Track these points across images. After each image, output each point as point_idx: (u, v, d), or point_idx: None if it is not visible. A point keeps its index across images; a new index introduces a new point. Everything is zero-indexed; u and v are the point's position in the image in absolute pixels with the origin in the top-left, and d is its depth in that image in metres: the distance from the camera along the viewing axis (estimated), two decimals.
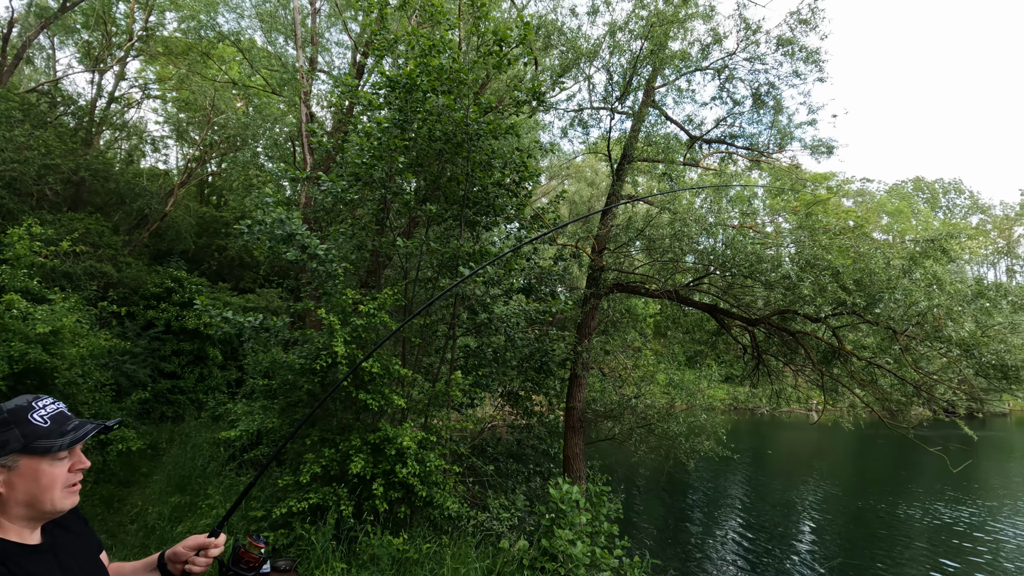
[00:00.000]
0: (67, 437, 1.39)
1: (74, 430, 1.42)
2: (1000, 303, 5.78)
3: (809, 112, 9.43)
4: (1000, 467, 19.75)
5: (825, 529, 11.47)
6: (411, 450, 5.45)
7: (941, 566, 9.70)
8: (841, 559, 9.43)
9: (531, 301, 7.50)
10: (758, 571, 8.71)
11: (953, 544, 10.91)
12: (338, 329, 5.60)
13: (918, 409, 7.79)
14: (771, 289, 7.38)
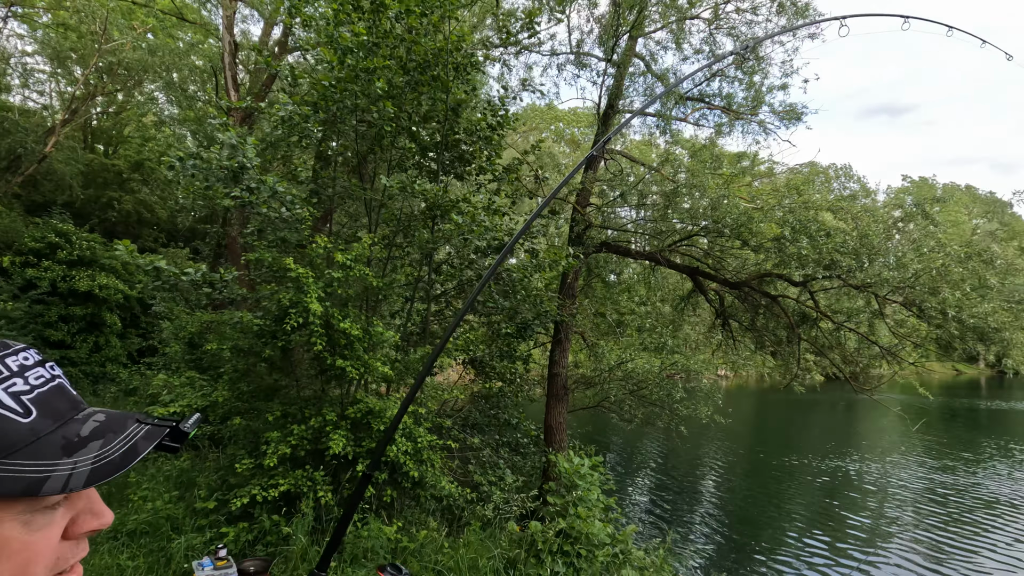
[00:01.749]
0: (83, 458, 0.58)
1: (97, 438, 0.61)
2: (995, 263, 5.92)
3: (782, 76, 9.30)
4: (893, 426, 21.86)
5: (736, 481, 12.06)
6: (402, 425, 4.68)
7: (828, 507, 10.46)
8: (742, 506, 9.88)
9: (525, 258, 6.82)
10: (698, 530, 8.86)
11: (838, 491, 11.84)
12: (310, 283, 4.64)
13: (879, 371, 8.06)
14: (758, 252, 7.19)
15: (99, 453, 0.58)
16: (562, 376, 7.40)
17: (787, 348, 8.79)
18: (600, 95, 7.58)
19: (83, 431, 0.60)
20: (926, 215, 6.63)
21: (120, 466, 0.59)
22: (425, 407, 5.27)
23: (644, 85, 8.18)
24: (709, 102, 8.97)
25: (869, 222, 6.56)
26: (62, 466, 0.55)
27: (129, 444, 0.60)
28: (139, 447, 0.61)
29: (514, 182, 7.46)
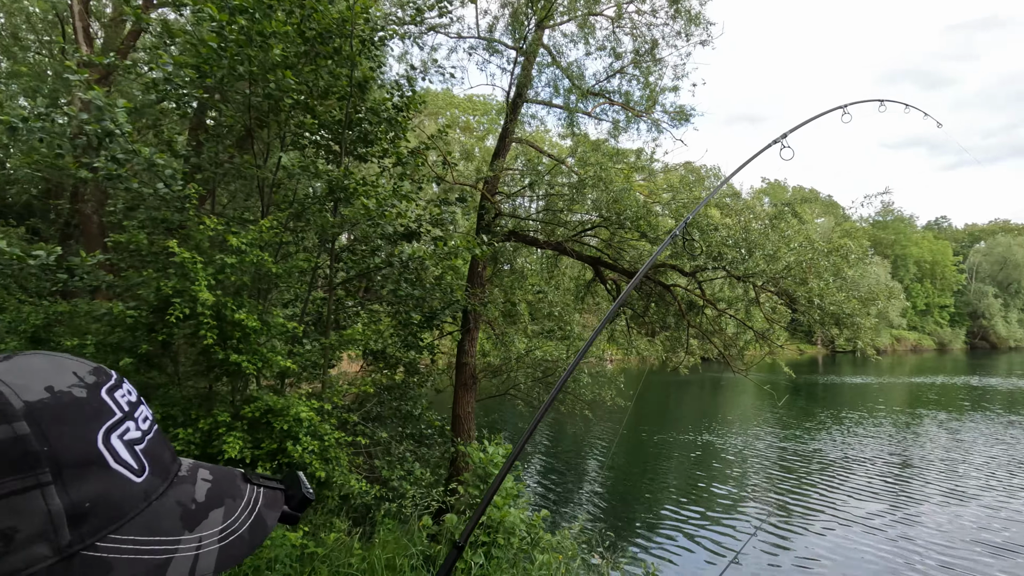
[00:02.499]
0: (207, 532, 0.45)
1: (216, 505, 0.47)
2: (849, 257, 6.78)
3: (674, 78, 9.90)
4: (744, 401, 24.52)
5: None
6: (307, 422, 4.36)
7: (699, 478, 11.66)
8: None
9: (423, 247, 6.61)
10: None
11: (707, 462, 13.22)
12: (199, 269, 4.12)
13: (753, 352, 8.97)
14: (655, 244, 7.63)
15: (225, 527, 0.45)
16: (470, 365, 7.35)
17: (675, 333, 9.48)
18: (510, 84, 7.56)
19: (197, 495, 0.46)
20: (795, 214, 7.43)
21: (252, 545, 0.45)
22: (331, 402, 4.94)
23: (549, 77, 8.29)
24: (610, 98, 9.32)
25: (750, 219, 7.23)
26: (186, 544, 0.42)
27: (254, 515, 0.47)
28: (267, 520, 0.48)
29: (420, 167, 7.22)
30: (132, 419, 0.44)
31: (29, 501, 0.35)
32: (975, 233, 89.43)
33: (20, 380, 0.39)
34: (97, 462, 0.39)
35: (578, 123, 8.48)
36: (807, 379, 33.35)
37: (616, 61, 9.19)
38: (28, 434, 0.36)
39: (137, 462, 0.42)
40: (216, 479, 0.48)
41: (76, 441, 0.39)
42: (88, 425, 0.40)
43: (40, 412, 0.38)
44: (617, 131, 9.04)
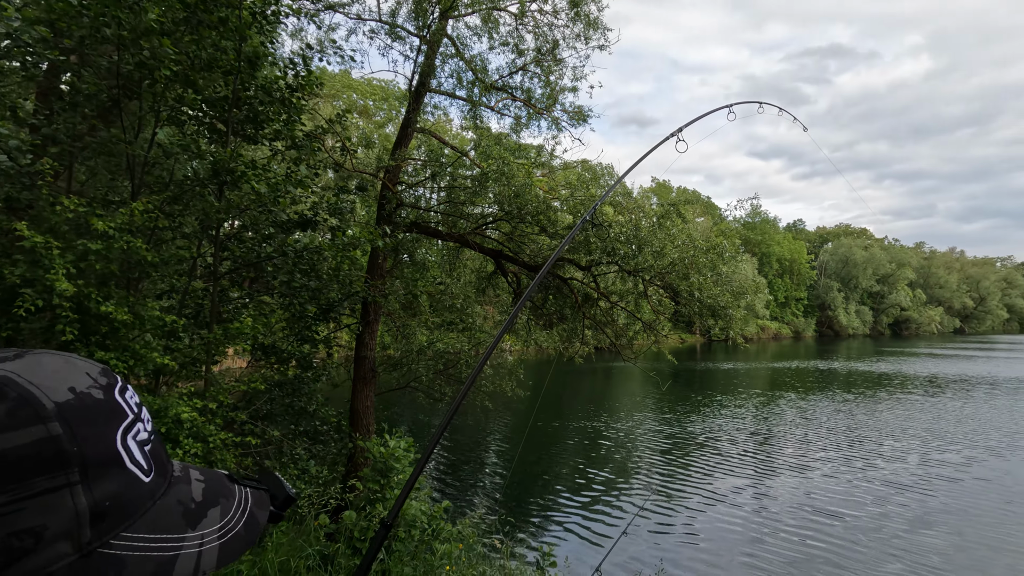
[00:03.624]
0: (208, 531, 0.46)
1: (212, 504, 0.49)
2: (724, 255, 7.49)
3: (574, 79, 10.27)
4: (626, 388, 26.25)
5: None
6: (189, 423, 4.03)
7: (589, 463, 12.51)
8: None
9: (318, 236, 6.33)
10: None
11: (594, 448, 14.17)
12: (55, 255, 3.65)
13: (641, 342, 9.62)
14: (554, 238, 7.91)
15: (222, 524, 0.46)
16: (370, 358, 7.15)
17: (571, 324, 9.91)
18: (413, 72, 7.42)
19: (195, 494, 0.47)
20: (679, 214, 8.08)
21: (247, 542, 0.47)
22: (216, 400, 4.60)
23: (453, 68, 8.25)
24: (512, 94, 9.47)
25: (640, 216, 7.73)
26: (189, 541, 0.43)
27: (247, 514, 0.49)
28: (258, 517, 0.49)
29: (316, 151, 6.88)
30: (140, 420, 0.45)
31: (59, 500, 0.36)
32: (824, 235, 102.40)
33: (45, 381, 0.39)
34: (116, 462, 0.41)
35: (481, 116, 8.53)
36: (686, 366, 36.34)
37: (519, 58, 9.35)
38: (61, 435, 0.37)
39: (146, 462, 0.44)
40: (207, 479, 0.50)
41: (100, 442, 0.40)
42: (108, 426, 0.41)
43: (69, 413, 0.39)
44: (519, 127, 9.22)
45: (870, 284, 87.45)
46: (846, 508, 10.03)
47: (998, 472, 12.13)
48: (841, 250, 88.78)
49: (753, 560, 8.03)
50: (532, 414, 16.00)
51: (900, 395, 23.43)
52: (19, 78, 7.03)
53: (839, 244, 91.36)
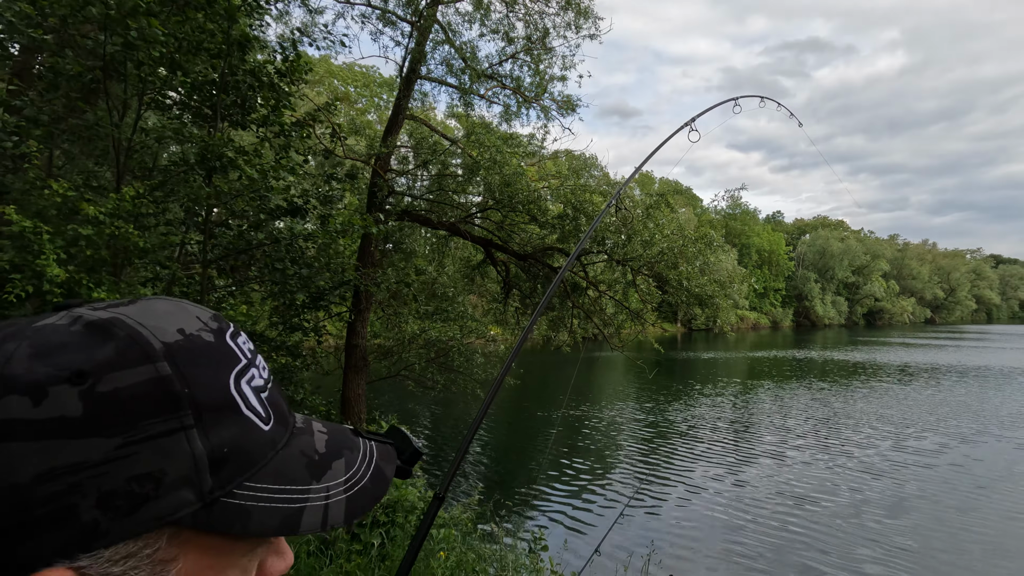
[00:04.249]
0: (333, 483, 0.44)
1: (337, 456, 0.46)
2: (712, 245, 7.61)
3: (563, 68, 10.25)
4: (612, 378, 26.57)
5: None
6: None
7: (572, 451, 12.71)
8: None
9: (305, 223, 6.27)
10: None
11: (579, 435, 14.39)
12: (44, 240, 3.57)
13: (627, 331, 9.74)
14: (544, 227, 7.94)
15: (348, 477, 0.45)
16: (361, 347, 7.13)
17: (558, 313, 9.98)
18: (404, 58, 7.33)
19: (318, 446, 0.45)
20: (668, 204, 8.17)
21: (375, 497, 0.46)
22: None
23: (443, 55, 8.18)
24: (502, 82, 9.43)
25: (630, 207, 7.80)
26: (315, 493, 0.41)
27: (373, 466, 0.47)
28: (385, 471, 0.48)
29: (306, 138, 6.79)
30: (255, 366, 0.43)
31: (174, 443, 0.35)
32: (802, 227, 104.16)
33: (155, 322, 0.38)
34: (231, 407, 0.38)
35: (472, 104, 8.48)
36: (667, 355, 36.83)
37: (509, 46, 9.30)
38: (170, 375, 0.36)
39: (264, 409, 0.42)
40: (331, 431, 0.48)
41: (212, 384, 0.38)
42: (220, 369, 0.39)
43: (178, 353, 0.37)
44: (508, 115, 9.19)
45: (846, 275, 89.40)
46: (823, 494, 10.33)
47: (969, 458, 12.57)
48: (819, 242, 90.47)
49: (733, 547, 8.22)
50: (565, 401, 16.11)
51: (874, 384, 24.10)
52: None
53: (817, 236, 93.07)
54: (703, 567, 7.57)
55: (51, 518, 0.31)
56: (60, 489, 0.31)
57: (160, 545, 0.35)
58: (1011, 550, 8.03)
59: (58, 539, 0.32)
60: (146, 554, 0.35)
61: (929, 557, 7.82)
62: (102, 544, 0.33)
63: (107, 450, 0.33)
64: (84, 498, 0.32)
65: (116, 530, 0.33)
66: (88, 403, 0.33)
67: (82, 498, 0.32)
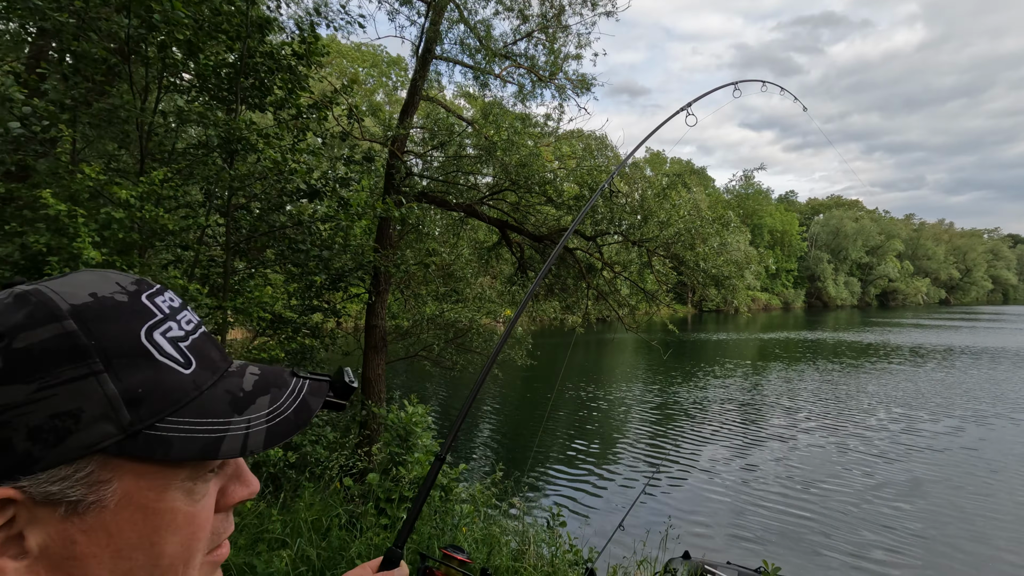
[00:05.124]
0: (255, 415, 0.49)
1: (262, 393, 0.51)
2: (729, 225, 7.57)
3: (578, 46, 10.11)
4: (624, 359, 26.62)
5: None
6: None
7: (584, 431, 12.83)
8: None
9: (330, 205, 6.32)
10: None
11: (593, 414, 14.51)
12: (80, 223, 3.65)
13: (641, 312, 9.76)
14: (560, 208, 7.93)
15: (271, 410, 0.50)
16: (380, 327, 7.23)
17: (573, 296, 10.01)
18: (419, 37, 7.27)
19: (245, 385, 0.51)
20: (685, 184, 8.11)
21: (296, 425, 0.51)
22: None
23: (457, 35, 8.11)
24: (516, 60, 9.33)
25: (646, 187, 7.76)
26: (235, 425, 0.47)
27: (299, 400, 0.52)
28: (311, 404, 0.53)
29: (322, 121, 6.80)
30: (174, 320, 0.48)
31: (87, 386, 0.41)
32: (815, 206, 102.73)
33: (69, 289, 0.44)
34: (143, 355, 0.44)
35: (488, 84, 8.42)
36: (678, 337, 36.78)
37: (523, 24, 9.18)
38: (76, 330, 0.42)
39: (183, 357, 0.47)
40: (264, 373, 0.53)
41: (120, 336, 0.43)
42: (130, 323, 0.44)
43: (84, 312, 0.42)
44: (523, 95, 9.11)
45: (859, 255, 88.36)
46: (833, 477, 10.35)
47: (984, 441, 12.48)
48: (832, 221, 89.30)
49: (743, 528, 8.23)
50: (557, 380, 16.25)
51: (886, 365, 23.99)
52: (11, 40, 6.84)
53: (830, 216, 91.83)
54: (713, 547, 7.69)
55: None
56: None
57: (91, 469, 0.41)
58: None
59: (0, 465, 0.39)
60: (78, 477, 0.41)
61: (940, 543, 7.74)
62: (38, 468, 0.40)
63: (27, 393, 0.39)
64: (16, 432, 0.39)
65: (47, 457, 0.40)
66: (5, 357, 0.40)
67: (14, 432, 0.39)
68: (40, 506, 0.40)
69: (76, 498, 0.41)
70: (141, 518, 0.44)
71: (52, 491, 0.40)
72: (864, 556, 7.40)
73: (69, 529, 0.41)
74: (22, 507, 0.40)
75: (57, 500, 0.41)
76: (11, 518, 0.40)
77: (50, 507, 0.41)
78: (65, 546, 0.42)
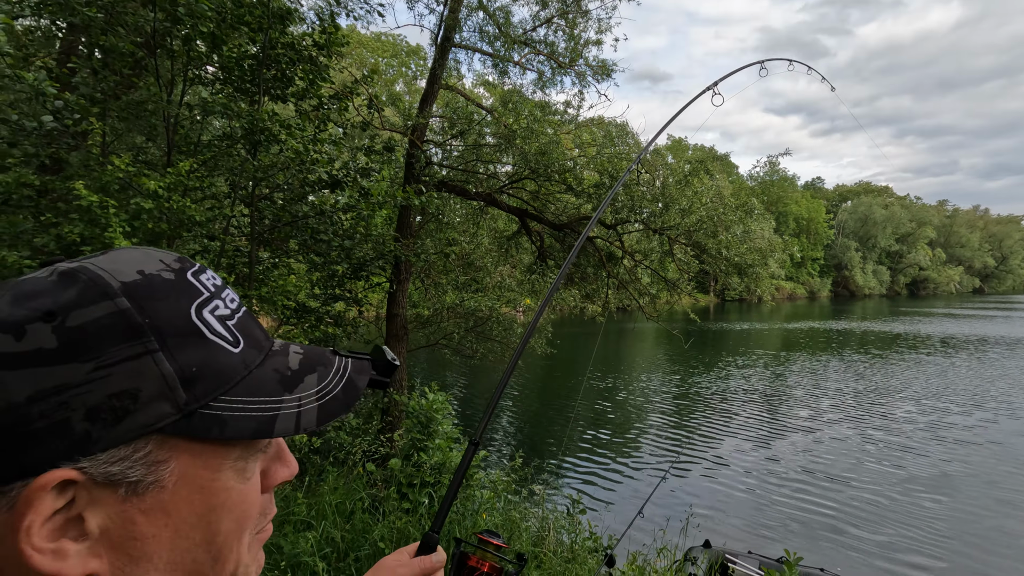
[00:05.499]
0: (305, 394, 0.49)
1: (309, 372, 0.51)
2: (752, 213, 7.44)
3: (598, 31, 9.97)
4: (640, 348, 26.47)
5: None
6: None
7: (609, 419, 12.78)
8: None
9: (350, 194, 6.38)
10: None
11: (614, 402, 14.45)
12: (111, 214, 3.75)
13: (662, 301, 9.69)
14: (580, 197, 7.88)
15: (320, 388, 0.50)
16: (401, 316, 7.31)
17: (593, 284, 9.97)
18: (439, 25, 7.26)
19: (291, 364, 0.51)
20: (708, 171, 7.99)
21: (346, 404, 0.51)
22: None
23: (475, 22, 8.06)
24: (536, 47, 9.25)
25: (667, 174, 7.66)
26: (288, 403, 0.47)
27: (346, 378, 0.52)
28: (357, 382, 0.53)
29: (343, 112, 6.85)
30: (219, 298, 0.48)
31: (143, 365, 0.40)
32: (843, 193, 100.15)
33: (116, 266, 0.43)
34: (194, 333, 0.44)
35: (508, 71, 8.37)
36: (700, 326, 36.34)
37: (543, 10, 9.09)
38: (129, 308, 0.41)
39: (231, 335, 0.46)
40: (307, 352, 0.54)
41: (172, 314, 0.43)
42: (180, 301, 0.44)
43: (135, 290, 0.42)
44: (543, 82, 9.05)
45: (889, 243, 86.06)
46: (859, 470, 10.16)
47: (1020, 436, 12.08)
48: (861, 208, 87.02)
49: (765, 521, 8.15)
50: (587, 368, 16.27)
51: (915, 356, 23.42)
52: (43, 36, 7.00)
53: (859, 202, 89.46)
54: (735, 536, 7.65)
55: (49, 430, 0.38)
56: (51, 407, 0.38)
57: (150, 449, 0.41)
58: None
59: (60, 446, 0.38)
60: (138, 457, 0.41)
61: (969, 541, 7.48)
62: (97, 449, 0.39)
63: (84, 373, 0.38)
64: (74, 412, 0.38)
65: (107, 437, 0.39)
66: (60, 336, 0.39)
67: (72, 412, 0.38)
68: (100, 487, 0.40)
69: (136, 479, 0.41)
70: (198, 497, 0.44)
71: (112, 472, 0.40)
72: (891, 550, 7.28)
73: (129, 510, 0.41)
74: (82, 488, 0.40)
75: (117, 481, 0.40)
76: (71, 500, 0.40)
77: (110, 488, 0.40)
78: (125, 527, 0.42)
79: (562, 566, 4.27)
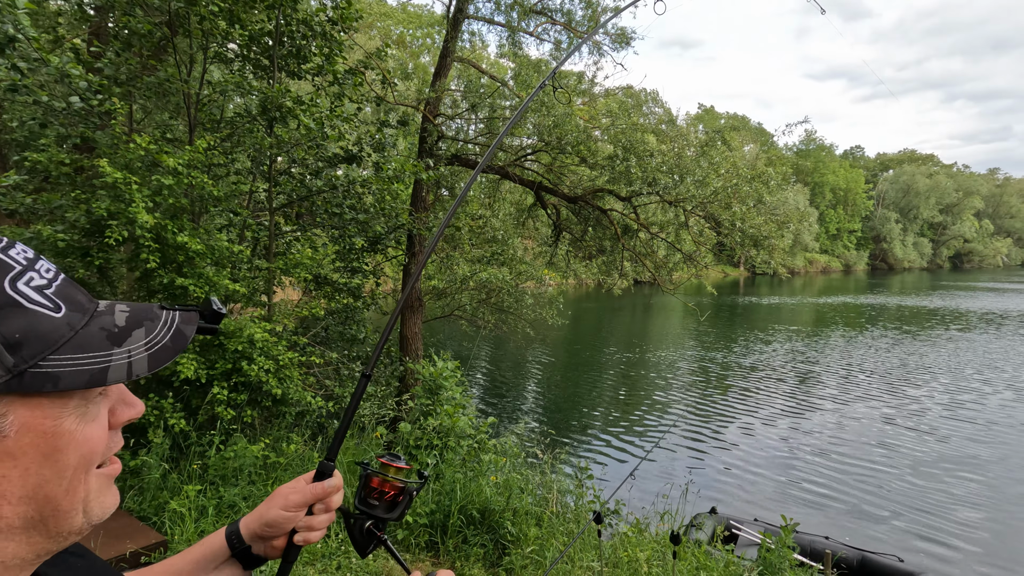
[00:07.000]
0: (134, 346, 0.56)
1: (136, 326, 0.58)
2: (769, 183, 7.31)
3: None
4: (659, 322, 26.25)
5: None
6: (261, 343, 4.47)
7: (628, 390, 12.84)
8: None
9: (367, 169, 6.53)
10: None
11: (637, 375, 14.47)
12: (134, 191, 3.99)
13: (681, 274, 9.64)
14: (594, 169, 7.86)
15: (148, 340, 0.56)
16: (417, 288, 7.51)
17: (609, 256, 9.97)
18: None
19: (118, 321, 0.56)
20: (724, 141, 7.84)
21: (174, 350, 0.58)
22: (281, 324, 5.04)
23: None
24: (552, 17, 9.12)
25: (683, 145, 7.56)
26: (117, 355, 0.53)
27: (173, 329, 0.59)
28: (185, 331, 0.59)
29: (358, 87, 6.95)
30: (33, 270, 0.53)
31: None
32: (885, 162, 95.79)
33: None
34: (11, 304, 0.49)
35: (520, 43, 8.30)
36: (728, 300, 35.83)
37: None
38: None
39: (51, 302, 0.52)
40: (133, 309, 0.59)
41: None
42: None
43: None
44: (559, 52, 8.94)
45: (932, 215, 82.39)
46: (883, 447, 10.04)
47: None
48: (903, 178, 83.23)
49: (781, 492, 8.20)
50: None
51: (954, 333, 22.68)
52: (69, 19, 7.26)
53: (901, 172, 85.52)
54: (744, 505, 7.74)
55: None
56: None
57: None
58: None
59: None
60: None
61: (997, 533, 7.20)
62: None
63: None
64: None
65: None
66: None
67: None
68: None
69: None
70: (42, 441, 0.50)
71: None
72: (917, 528, 7.17)
73: None
74: None
75: None
76: None
77: None
78: None
79: (563, 525, 4.47)
